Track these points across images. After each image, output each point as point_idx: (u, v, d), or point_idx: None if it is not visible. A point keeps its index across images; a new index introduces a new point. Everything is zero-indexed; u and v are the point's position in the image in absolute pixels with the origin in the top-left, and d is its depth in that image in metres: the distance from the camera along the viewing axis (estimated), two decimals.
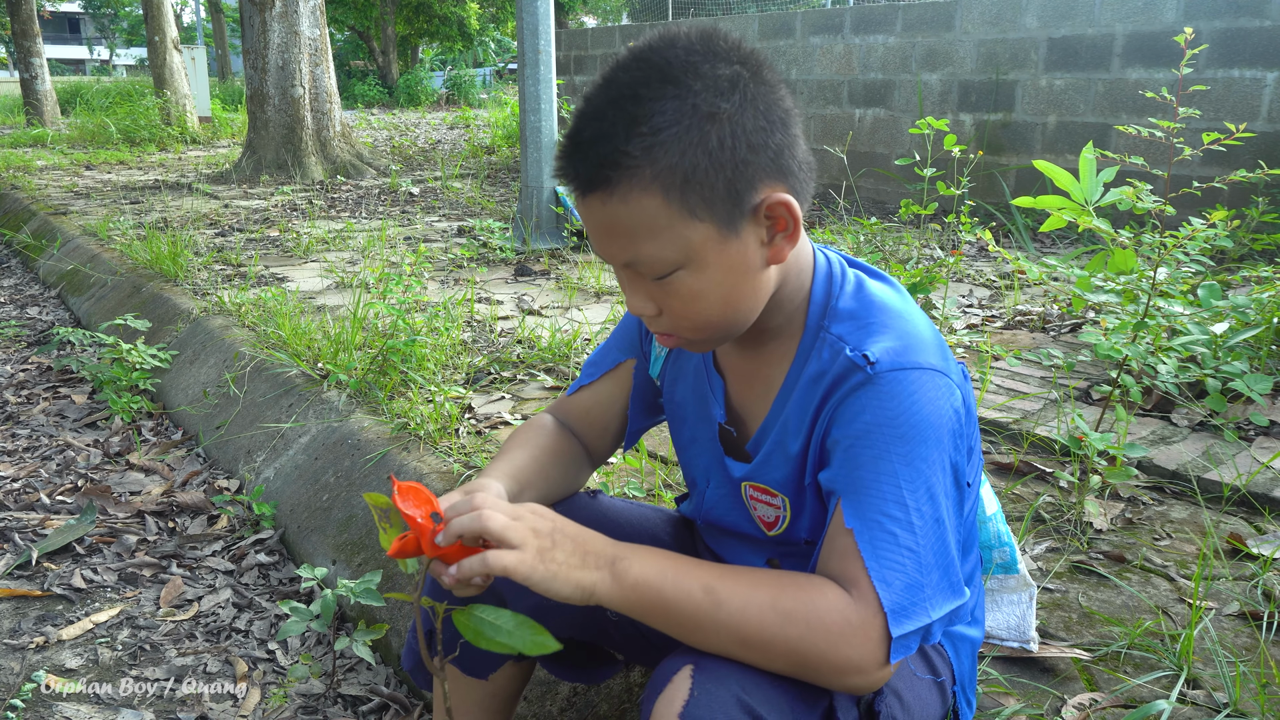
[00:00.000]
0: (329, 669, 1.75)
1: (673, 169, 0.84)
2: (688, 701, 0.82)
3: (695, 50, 0.86)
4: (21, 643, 1.81)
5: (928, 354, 0.91)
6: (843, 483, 0.89)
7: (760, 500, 1.04)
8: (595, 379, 1.18)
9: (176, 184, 7.06)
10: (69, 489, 2.46)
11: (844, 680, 0.84)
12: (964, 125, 5.61)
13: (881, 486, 0.86)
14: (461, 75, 23.06)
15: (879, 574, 0.83)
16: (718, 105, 0.84)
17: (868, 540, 0.85)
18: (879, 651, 0.82)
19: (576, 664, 1.23)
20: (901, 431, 0.87)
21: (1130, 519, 1.78)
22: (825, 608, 0.83)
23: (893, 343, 0.91)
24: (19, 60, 12.24)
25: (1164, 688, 1.25)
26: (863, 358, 0.90)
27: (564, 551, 0.86)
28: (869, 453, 0.87)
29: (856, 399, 0.89)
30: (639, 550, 0.88)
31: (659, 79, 0.85)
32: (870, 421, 0.88)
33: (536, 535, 0.85)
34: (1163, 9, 4.69)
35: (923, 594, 0.84)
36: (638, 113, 0.84)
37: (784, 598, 0.84)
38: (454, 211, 5.79)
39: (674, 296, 0.91)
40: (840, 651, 0.82)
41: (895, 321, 0.94)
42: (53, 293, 4.62)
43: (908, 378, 0.88)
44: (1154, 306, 2.07)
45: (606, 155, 0.85)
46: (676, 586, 0.85)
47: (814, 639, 0.82)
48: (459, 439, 2.18)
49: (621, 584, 0.85)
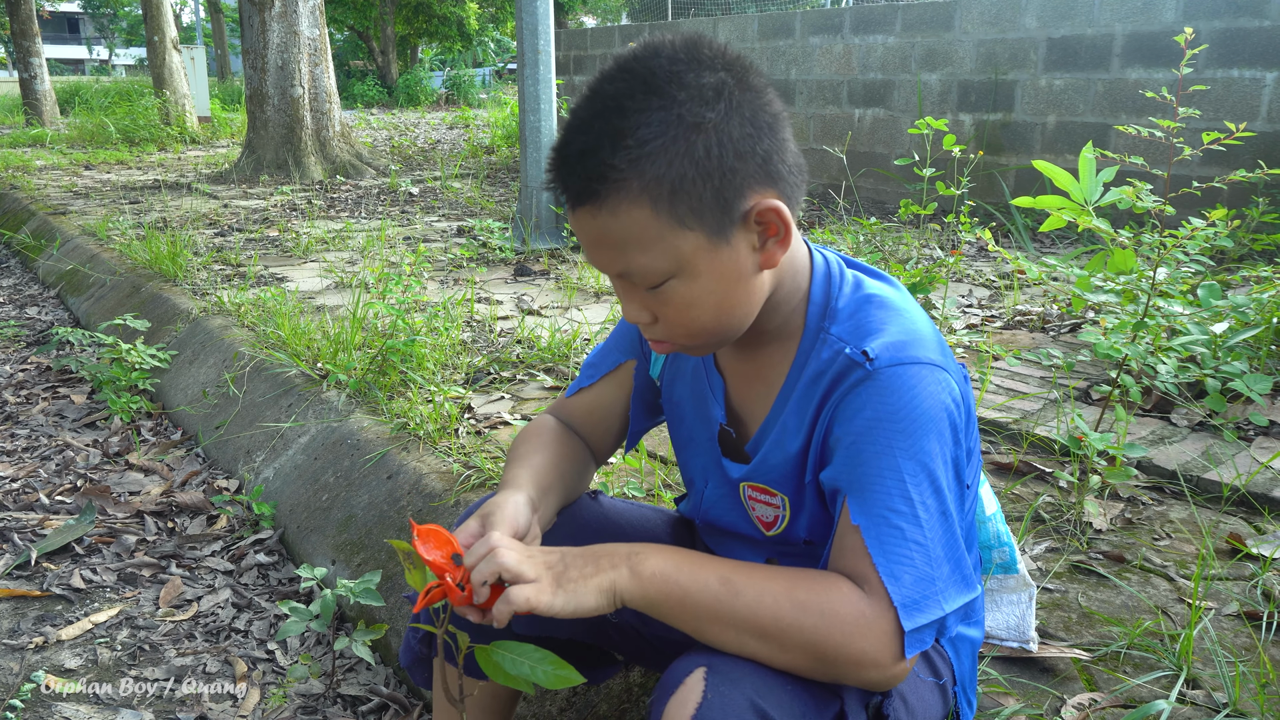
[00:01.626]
0: (328, 669, 1.75)
1: (660, 180, 0.84)
2: (700, 704, 0.82)
3: (679, 59, 0.86)
4: (21, 643, 1.81)
5: (927, 349, 0.91)
6: (846, 480, 0.89)
7: (759, 500, 1.04)
8: (596, 380, 1.18)
9: (176, 184, 7.06)
10: (68, 489, 2.46)
11: (861, 674, 0.84)
12: (964, 125, 5.61)
13: (886, 482, 0.86)
14: (461, 75, 23.06)
15: (888, 569, 0.84)
16: (703, 115, 0.84)
17: (875, 536, 0.85)
18: (893, 645, 0.83)
19: (576, 664, 1.22)
20: (903, 426, 0.87)
21: (1130, 519, 1.78)
22: (839, 599, 0.83)
23: (892, 339, 0.91)
24: (18, 60, 12.23)
25: (1164, 688, 1.25)
26: (862, 354, 0.90)
27: (576, 568, 0.88)
28: (872, 448, 0.87)
29: (857, 395, 0.90)
30: (652, 545, 0.90)
31: (643, 90, 0.85)
32: (872, 417, 0.88)
33: (548, 566, 0.88)
34: (1162, 9, 4.69)
35: (934, 587, 0.85)
36: (623, 125, 0.84)
37: (799, 589, 0.84)
38: (454, 211, 5.79)
39: (668, 305, 0.91)
40: (856, 644, 0.82)
41: (894, 319, 0.94)
42: (52, 293, 4.62)
43: (907, 372, 0.89)
44: (1154, 306, 2.07)
45: (593, 169, 0.85)
46: (693, 577, 0.86)
47: (829, 630, 0.83)
48: (458, 439, 2.18)
49: (640, 576, 0.87)
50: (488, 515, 0.96)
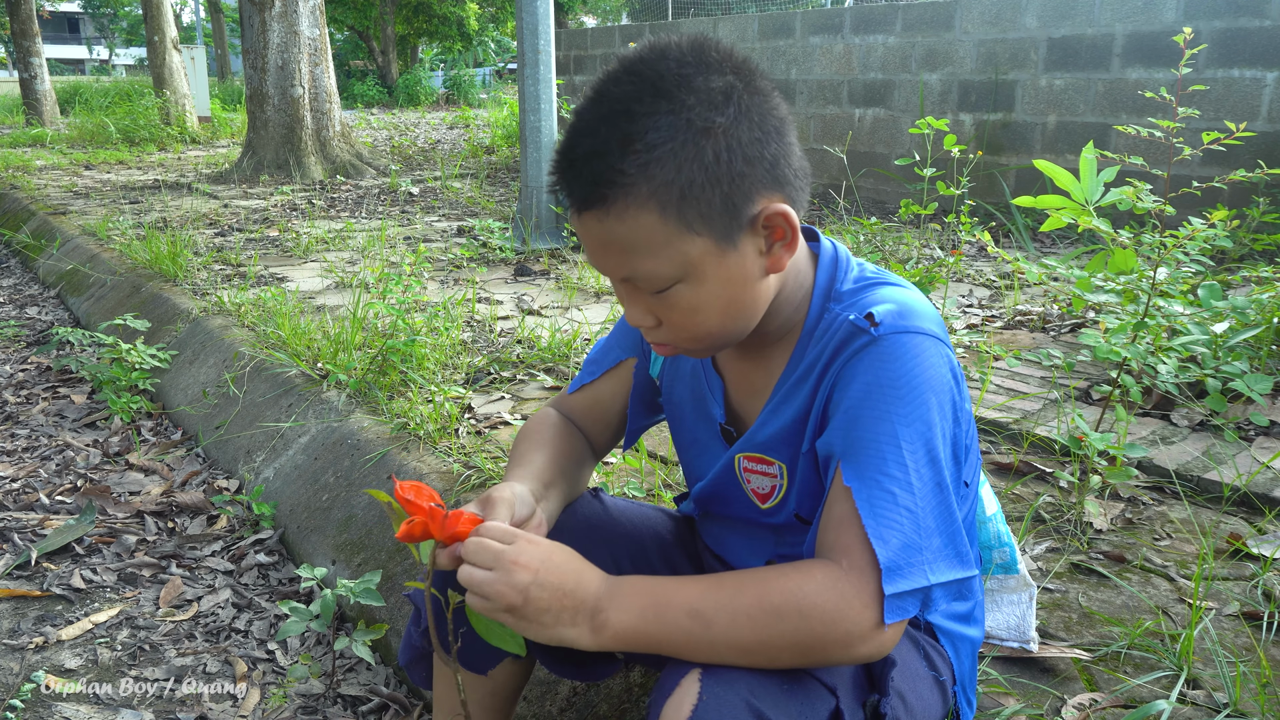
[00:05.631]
0: (329, 669, 1.75)
1: (669, 185, 0.84)
2: (696, 706, 0.82)
3: (687, 62, 0.85)
4: (21, 643, 1.81)
5: (928, 323, 0.91)
6: (841, 444, 0.88)
7: (755, 471, 1.03)
8: (597, 377, 1.18)
9: (176, 184, 7.06)
10: (68, 489, 2.46)
11: (848, 653, 0.83)
12: (964, 125, 5.61)
13: (881, 446, 0.86)
14: (461, 75, 23.07)
15: (876, 531, 0.83)
16: (712, 119, 0.84)
17: (866, 499, 0.84)
18: (874, 613, 0.82)
19: (576, 662, 1.22)
20: (902, 393, 0.87)
21: (1130, 519, 1.78)
22: (813, 590, 0.83)
23: (895, 308, 0.91)
24: (18, 60, 12.23)
25: (1164, 688, 1.25)
26: (866, 318, 0.90)
27: (536, 607, 0.85)
28: (869, 413, 0.87)
29: (859, 360, 0.90)
30: (621, 588, 0.87)
31: (652, 94, 0.84)
32: (871, 382, 0.88)
33: (511, 590, 0.84)
34: (1163, 9, 4.69)
35: (920, 556, 0.84)
36: (631, 129, 0.83)
37: (770, 593, 0.83)
38: (454, 211, 5.79)
39: (673, 309, 0.91)
40: (839, 627, 0.82)
41: (896, 293, 0.94)
42: (52, 293, 4.62)
43: (911, 340, 0.89)
44: (1154, 306, 2.07)
45: (601, 173, 0.84)
46: (661, 623, 0.85)
47: (809, 626, 0.82)
48: (459, 439, 2.18)
49: (600, 637, 0.85)
50: (488, 500, 0.95)
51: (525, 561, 0.85)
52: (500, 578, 0.84)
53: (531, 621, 0.85)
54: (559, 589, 0.85)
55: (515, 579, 0.84)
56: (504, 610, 0.85)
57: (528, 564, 0.85)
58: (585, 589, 0.86)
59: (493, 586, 0.84)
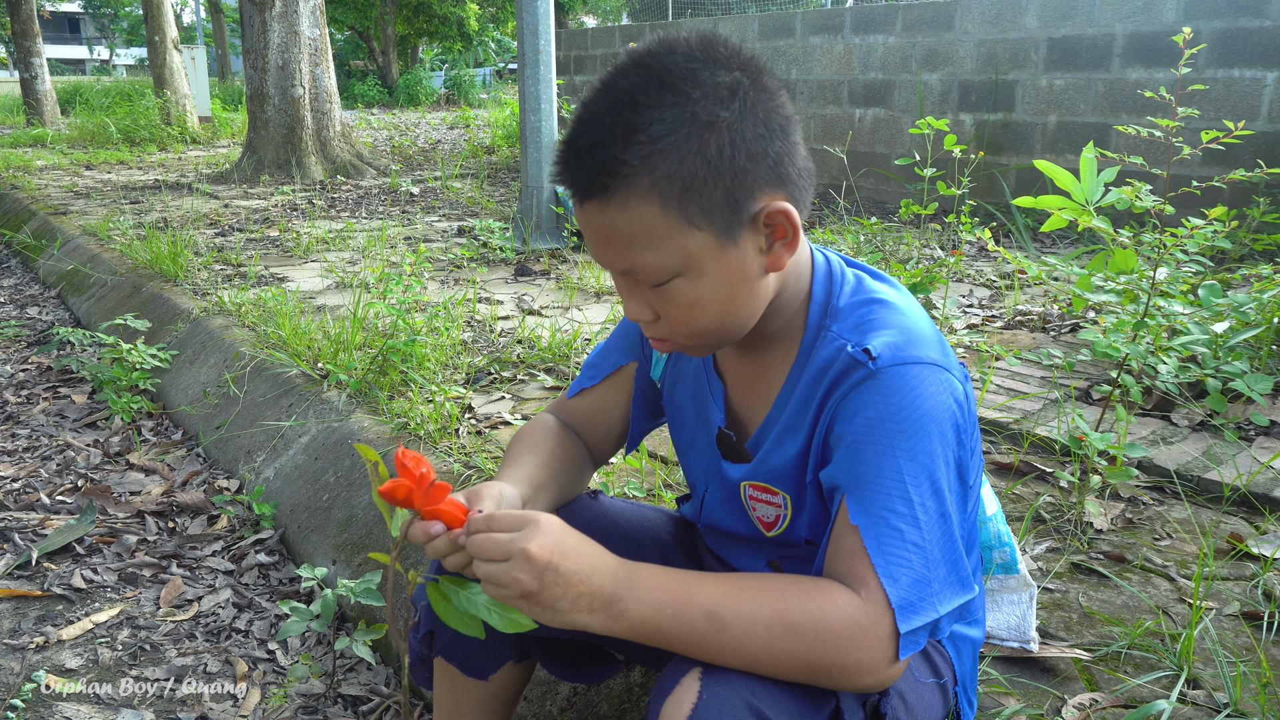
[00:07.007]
0: (329, 669, 1.75)
1: (671, 178, 0.84)
2: (696, 705, 0.82)
3: (695, 57, 0.85)
4: (21, 643, 1.81)
5: (929, 349, 0.91)
6: (846, 479, 0.88)
7: (760, 500, 1.04)
8: (597, 382, 1.17)
9: (176, 184, 7.06)
10: (69, 489, 2.46)
11: (855, 681, 0.84)
12: (964, 125, 5.61)
13: (885, 482, 0.86)
14: (461, 75, 23.06)
15: (886, 570, 0.83)
16: (717, 114, 0.84)
17: (873, 537, 0.84)
18: (888, 649, 0.82)
19: (576, 664, 1.22)
20: (904, 426, 0.86)
21: (1130, 519, 1.78)
22: (833, 614, 0.82)
23: (893, 338, 0.90)
24: (19, 60, 12.24)
25: (1164, 688, 1.25)
26: (864, 353, 0.90)
27: (551, 594, 0.82)
28: (872, 448, 0.87)
29: (859, 394, 0.89)
30: (640, 579, 0.85)
31: (658, 86, 0.84)
32: (873, 417, 0.88)
33: (528, 576, 0.82)
34: (1163, 9, 4.69)
35: (930, 589, 0.84)
36: (636, 121, 0.83)
37: (791, 609, 0.83)
38: (454, 211, 5.79)
39: (671, 304, 0.90)
40: (851, 655, 0.82)
41: (895, 318, 0.93)
42: (52, 293, 4.62)
43: (909, 372, 0.88)
44: (1154, 306, 2.07)
45: (604, 163, 0.84)
46: (677, 620, 0.83)
47: (823, 649, 0.82)
48: (459, 439, 2.18)
49: (617, 626, 0.84)
50: (474, 494, 0.94)
51: (538, 548, 0.83)
52: (514, 566, 0.82)
53: (547, 607, 0.83)
54: (574, 577, 0.83)
55: (530, 565, 0.82)
56: (519, 597, 0.83)
57: (541, 549, 0.83)
58: (602, 574, 0.84)
59: (508, 574, 0.82)
